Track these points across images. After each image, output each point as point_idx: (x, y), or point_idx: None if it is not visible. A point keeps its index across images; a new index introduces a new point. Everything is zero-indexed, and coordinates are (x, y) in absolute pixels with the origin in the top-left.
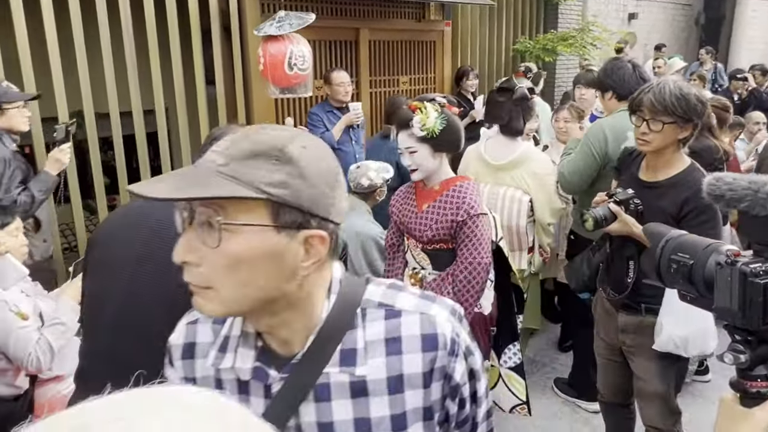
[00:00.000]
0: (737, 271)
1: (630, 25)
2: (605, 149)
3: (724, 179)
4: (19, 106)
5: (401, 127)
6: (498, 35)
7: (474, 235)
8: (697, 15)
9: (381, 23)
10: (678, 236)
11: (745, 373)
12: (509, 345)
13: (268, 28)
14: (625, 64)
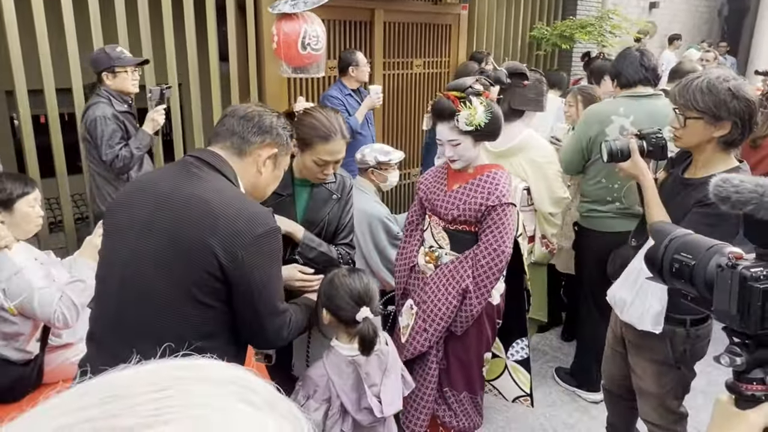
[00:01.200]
0: (737, 274)
1: (651, 14)
2: (588, 133)
3: (731, 181)
4: (129, 70)
5: (442, 118)
6: (515, 20)
7: (501, 223)
8: (721, 6)
9: (397, 4)
10: (683, 235)
11: (741, 375)
12: (518, 339)
13: (283, 5)
14: (632, 53)
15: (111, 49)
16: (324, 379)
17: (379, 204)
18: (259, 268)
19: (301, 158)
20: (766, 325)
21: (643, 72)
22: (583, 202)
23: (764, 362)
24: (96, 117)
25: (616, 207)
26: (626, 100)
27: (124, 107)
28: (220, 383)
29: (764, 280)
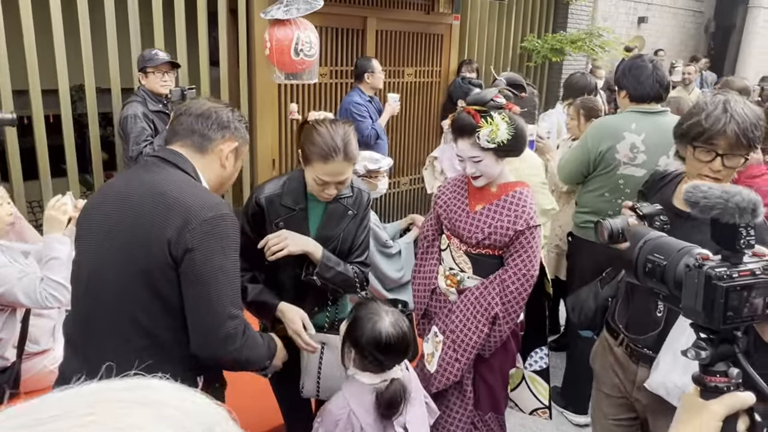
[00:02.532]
0: (703, 274)
1: (639, 29)
2: (598, 146)
3: (700, 188)
4: (160, 71)
5: (462, 134)
6: (507, 32)
7: (530, 246)
8: (707, 22)
9: (389, 13)
10: (656, 238)
11: (705, 368)
12: (536, 348)
13: (276, 11)
14: (645, 64)
15: (147, 51)
16: (345, 412)
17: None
18: (207, 256)
19: (306, 172)
20: (728, 322)
21: (657, 87)
22: (579, 213)
23: (727, 356)
24: (127, 115)
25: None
26: (638, 116)
27: (159, 107)
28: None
29: (727, 279)
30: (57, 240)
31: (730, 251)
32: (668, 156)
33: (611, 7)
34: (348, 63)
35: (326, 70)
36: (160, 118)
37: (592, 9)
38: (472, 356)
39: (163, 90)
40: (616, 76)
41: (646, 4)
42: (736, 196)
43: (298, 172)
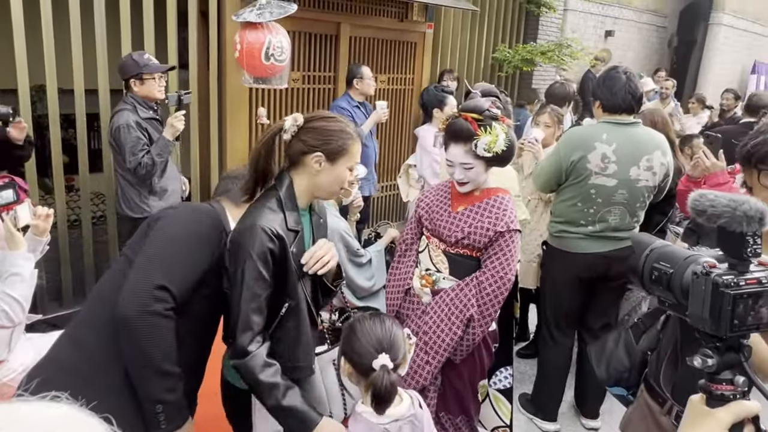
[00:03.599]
0: (710, 281)
1: (606, 42)
2: (570, 156)
3: (707, 196)
4: (157, 76)
5: (457, 139)
6: (479, 41)
7: (509, 250)
8: (671, 37)
9: (363, 20)
10: (662, 246)
11: (712, 376)
12: (501, 368)
13: (248, 14)
14: (619, 75)
15: (139, 56)
16: None
17: (338, 218)
18: (165, 224)
19: (327, 173)
20: (735, 329)
21: (630, 99)
22: (554, 222)
23: (733, 364)
24: (120, 125)
25: (589, 230)
26: (609, 127)
27: (150, 113)
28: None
29: (734, 286)
30: (22, 256)
31: (737, 259)
32: (638, 167)
33: (580, 20)
34: (321, 68)
35: (298, 75)
36: (152, 125)
37: (562, 21)
38: (443, 359)
39: (160, 96)
40: (586, 87)
41: (613, 18)
42: (743, 204)
43: (287, 189)
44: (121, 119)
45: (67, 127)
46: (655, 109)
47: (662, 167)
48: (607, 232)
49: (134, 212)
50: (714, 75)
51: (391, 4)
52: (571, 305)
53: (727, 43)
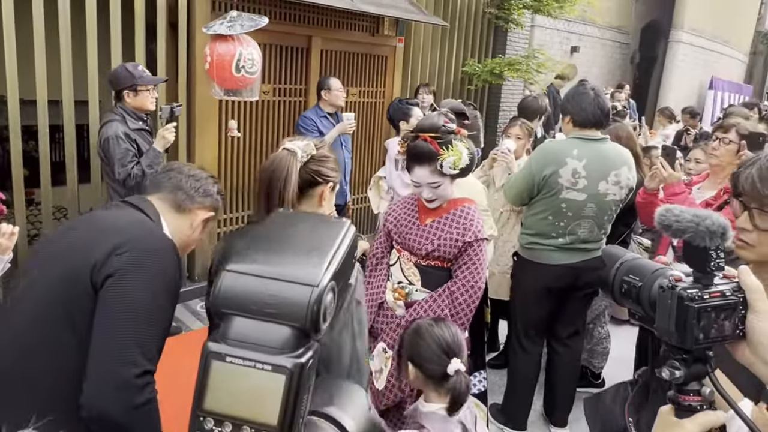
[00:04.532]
0: (676, 295)
1: (572, 58)
2: (542, 170)
3: (672, 211)
4: (150, 88)
5: (421, 162)
6: (449, 56)
7: (477, 259)
8: (633, 54)
9: (334, 33)
10: (632, 259)
11: (680, 387)
12: (476, 372)
13: (218, 27)
14: (587, 91)
15: (133, 68)
16: None
17: None
18: (128, 285)
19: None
20: (700, 342)
21: (599, 114)
22: (525, 234)
23: (700, 375)
24: (109, 137)
25: (559, 242)
26: (579, 143)
27: (139, 124)
28: None
29: (699, 300)
30: None
31: (701, 273)
32: (607, 181)
33: (546, 37)
34: (292, 81)
35: (269, 87)
36: (142, 136)
37: (529, 37)
38: None
39: (152, 107)
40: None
41: (578, 34)
42: (706, 219)
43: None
44: (110, 130)
45: (27, 139)
46: (620, 124)
47: (628, 182)
48: (576, 244)
49: None
50: (674, 90)
51: (362, 19)
52: (540, 314)
53: (685, 60)
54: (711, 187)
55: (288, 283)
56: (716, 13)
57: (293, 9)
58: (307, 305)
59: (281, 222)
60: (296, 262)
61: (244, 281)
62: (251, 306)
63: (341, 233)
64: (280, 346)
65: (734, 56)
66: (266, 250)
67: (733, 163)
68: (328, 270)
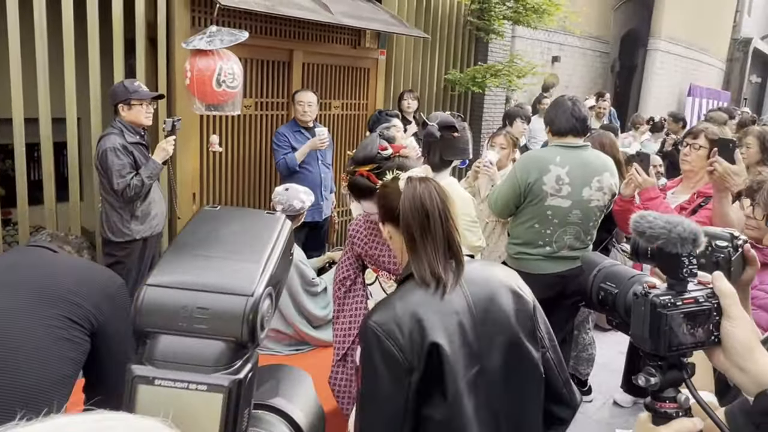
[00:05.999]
0: (649, 302)
1: (553, 68)
2: (527, 178)
3: (646, 217)
4: (144, 103)
5: (365, 196)
6: (431, 67)
7: None
8: (613, 62)
9: (315, 46)
10: (609, 266)
11: (656, 394)
12: None
13: (198, 42)
14: (565, 102)
15: (130, 83)
16: None
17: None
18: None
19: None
20: (674, 348)
21: (573, 122)
22: (512, 244)
23: (675, 382)
24: (106, 149)
25: (547, 251)
26: (561, 150)
27: (136, 138)
28: None
29: (671, 307)
30: None
31: (674, 280)
32: (590, 187)
33: (527, 47)
34: (274, 95)
35: (251, 102)
36: (139, 150)
37: (510, 47)
38: None
39: (147, 122)
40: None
41: (558, 44)
42: (678, 226)
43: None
44: (107, 143)
45: (3, 158)
46: (603, 132)
47: (611, 187)
48: (563, 252)
49: (116, 236)
50: (653, 98)
51: (343, 32)
52: None
53: (664, 68)
54: (684, 192)
55: (219, 294)
56: (693, 22)
57: (274, 23)
58: (242, 317)
59: (208, 222)
60: (227, 269)
61: (169, 295)
62: (178, 322)
63: (276, 230)
64: (214, 362)
65: (712, 63)
66: (192, 256)
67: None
68: (264, 274)
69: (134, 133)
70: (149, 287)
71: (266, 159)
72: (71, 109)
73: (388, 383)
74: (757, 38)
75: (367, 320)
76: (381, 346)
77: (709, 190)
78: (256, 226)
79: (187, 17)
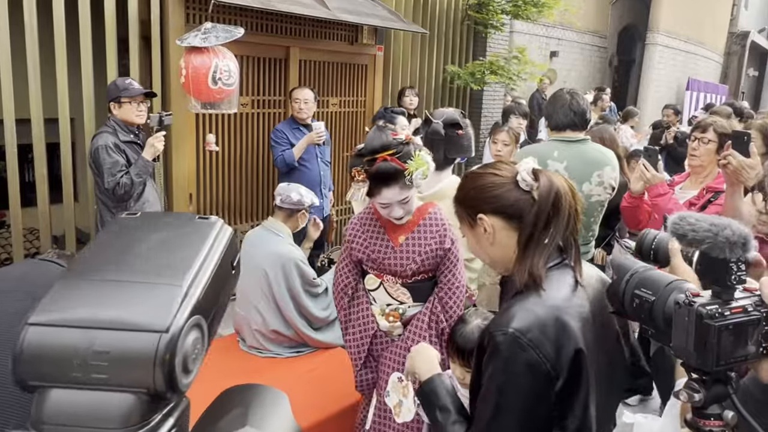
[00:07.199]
0: (694, 312)
1: (551, 63)
2: None
3: (687, 219)
4: (135, 101)
5: (389, 182)
6: (429, 63)
7: (457, 259)
8: (611, 57)
9: (312, 43)
10: (643, 270)
11: (699, 411)
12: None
13: (193, 39)
14: (563, 95)
15: (121, 81)
16: None
17: (293, 246)
18: None
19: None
20: (721, 362)
21: (572, 116)
22: None
23: (720, 398)
24: (98, 146)
25: None
26: (559, 144)
27: (130, 137)
28: None
29: (719, 317)
30: None
31: (720, 287)
32: (590, 182)
33: (525, 42)
34: (271, 93)
35: (248, 99)
36: (132, 149)
37: (509, 43)
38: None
39: (138, 120)
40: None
41: (556, 39)
42: (726, 229)
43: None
44: (100, 140)
45: None
46: (603, 126)
47: (611, 182)
48: None
49: None
50: (652, 92)
51: (340, 28)
52: None
53: (662, 62)
54: (693, 187)
55: (122, 331)
56: (691, 16)
57: (270, 20)
58: (153, 361)
59: (119, 236)
60: (136, 297)
61: (58, 336)
62: (71, 372)
63: (208, 240)
64: (122, 421)
65: (710, 57)
66: (90, 283)
67: (714, 162)
68: (187, 300)
69: (128, 131)
70: (31, 327)
71: (264, 158)
72: (64, 110)
73: (532, 396)
74: (754, 32)
75: (503, 327)
76: (525, 355)
77: (718, 185)
78: (182, 236)
79: (181, 14)
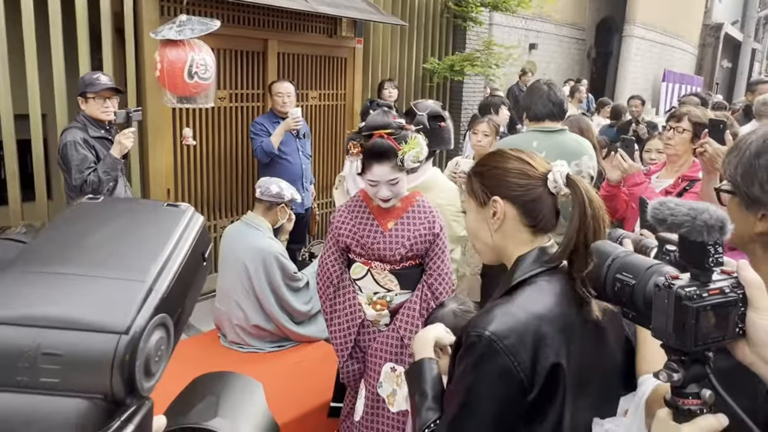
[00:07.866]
0: (673, 294)
1: (531, 55)
2: None
3: (667, 204)
4: (102, 97)
5: (382, 159)
6: (409, 55)
7: (444, 245)
8: (589, 49)
9: (291, 36)
10: (624, 255)
11: (678, 390)
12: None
13: (167, 31)
14: (541, 87)
15: (89, 75)
16: None
17: (272, 239)
18: None
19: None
20: (699, 342)
21: (550, 106)
22: None
23: (699, 378)
24: (67, 142)
25: None
26: (538, 135)
27: (101, 132)
28: None
29: (697, 299)
30: None
31: (699, 269)
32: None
33: (505, 34)
34: (249, 86)
35: (225, 93)
36: (102, 144)
37: (488, 35)
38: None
39: (104, 117)
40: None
41: (535, 32)
42: (703, 213)
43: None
44: (69, 136)
45: None
46: (581, 116)
47: (589, 171)
48: None
49: None
50: (629, 84)
51: (319, 20)
52: None
53: (639, 54)
54: (669, 176)
55: (76, 331)
56: (667, 8)
57: (247, 12)
58: (110, 364)
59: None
60: (93, 293)
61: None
62: (16, 375)
63: (177, 229)
64: (76, 428)
65: (685, 49)
66: (40, 276)
67: (689, 151)
68: (151, 296)
69: (98, 127)
70: None
71: (242, 151)
72: (35, 105)
73: (500, 401)
74: (727, 24)
75: (480, 328)
76: (499, 359)
77: (693, 174)
78: (148, 224)
79: (155, 6)
